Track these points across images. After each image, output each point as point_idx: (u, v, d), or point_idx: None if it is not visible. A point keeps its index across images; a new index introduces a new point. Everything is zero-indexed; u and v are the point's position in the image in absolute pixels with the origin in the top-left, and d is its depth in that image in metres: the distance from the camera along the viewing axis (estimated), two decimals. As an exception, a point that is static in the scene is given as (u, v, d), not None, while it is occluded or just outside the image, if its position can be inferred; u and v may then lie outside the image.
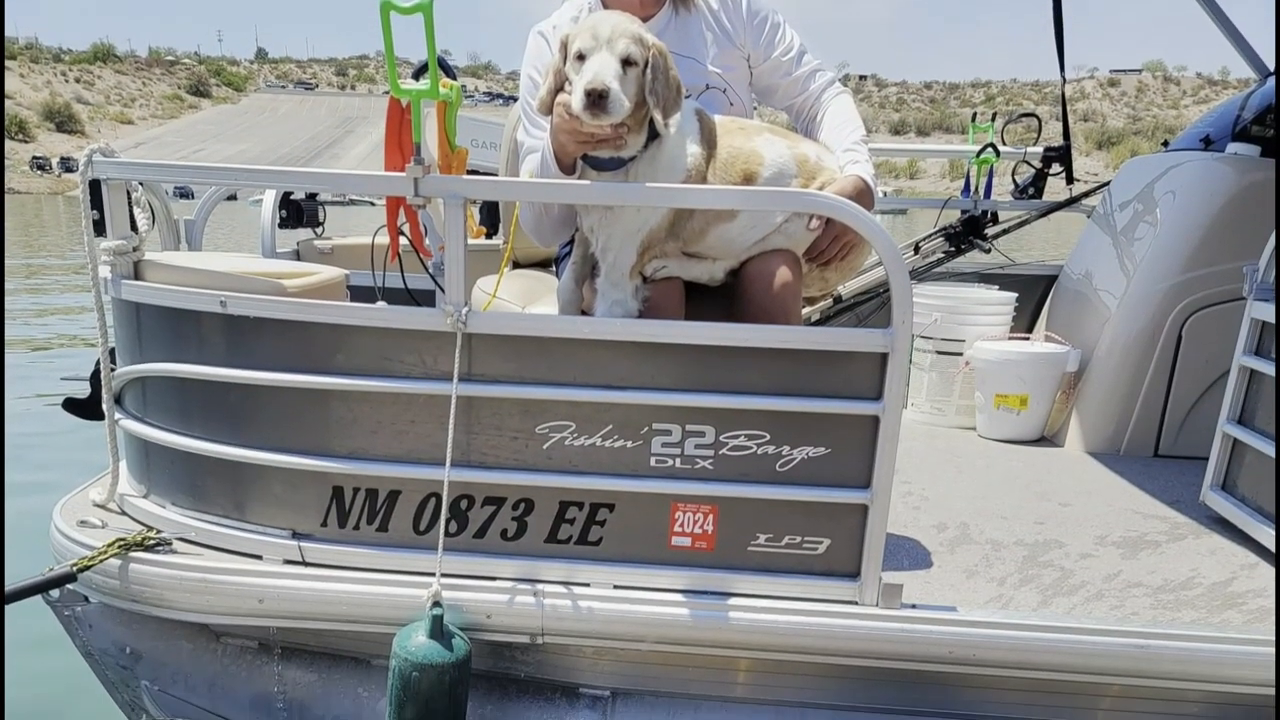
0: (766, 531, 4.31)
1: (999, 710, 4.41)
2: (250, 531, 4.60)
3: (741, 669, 4.49)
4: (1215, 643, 4.21)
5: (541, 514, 4.36)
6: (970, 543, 5.25)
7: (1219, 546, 5.34)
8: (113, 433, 4.98)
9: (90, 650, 5.02)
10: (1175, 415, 6.99)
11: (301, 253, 7.94)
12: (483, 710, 4.51)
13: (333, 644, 4.67)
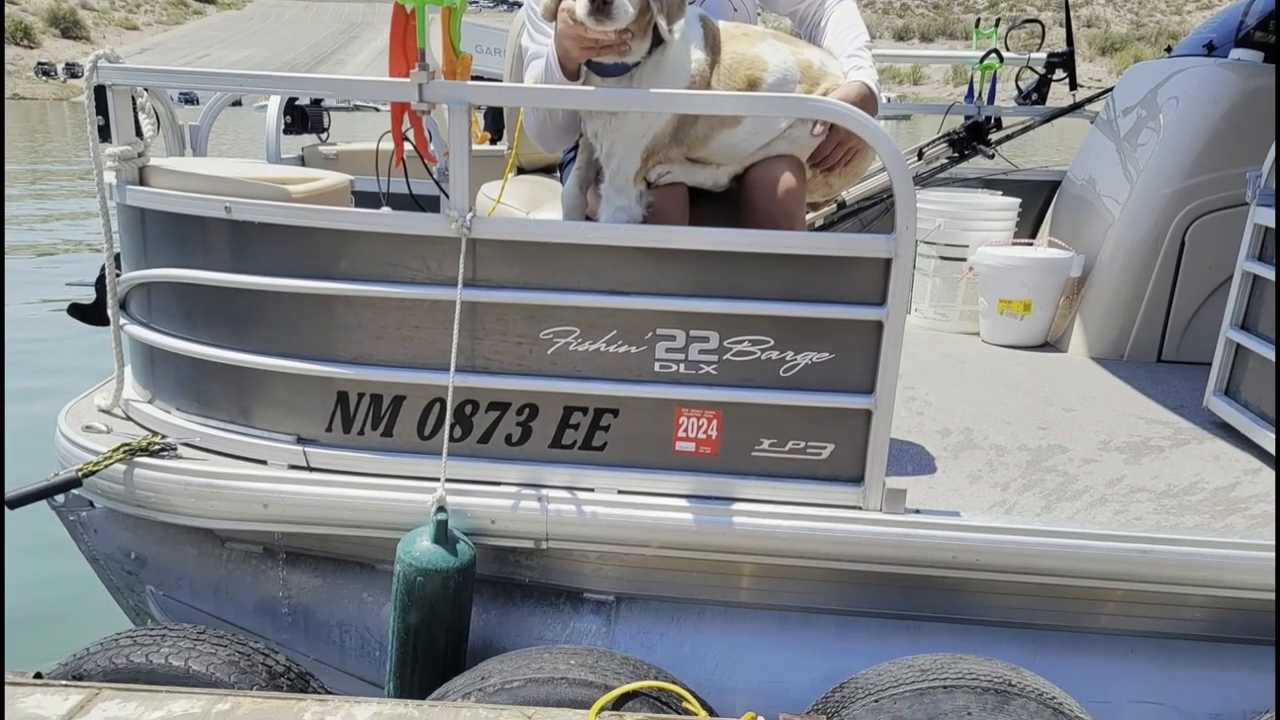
0: (770, 437, 4.28)
1: (1002, 615, 4.39)
2: (255, 436, 4.56)
3: (745, 574, 4.47)
4: (1218, 548, 4.18)
5: (546, 419, 4.33)
6: (974, 448, 5.20)
7: (1222, 451, 5.30)
8: (118, 338, 4.92)
9: (95, 555, 5.02)
10: (1178, 321, 6.91)
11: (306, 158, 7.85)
12: (487, 615, 4.50)
13: (337, 549, 4.65)
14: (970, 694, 3.69)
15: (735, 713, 3.62)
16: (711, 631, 4.47)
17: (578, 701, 3.67)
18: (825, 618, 4.46)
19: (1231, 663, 4.31)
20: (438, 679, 4.06)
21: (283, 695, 3.69)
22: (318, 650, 4.67)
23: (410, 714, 3.54)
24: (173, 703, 3.54)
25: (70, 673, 3.86)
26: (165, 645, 3.91)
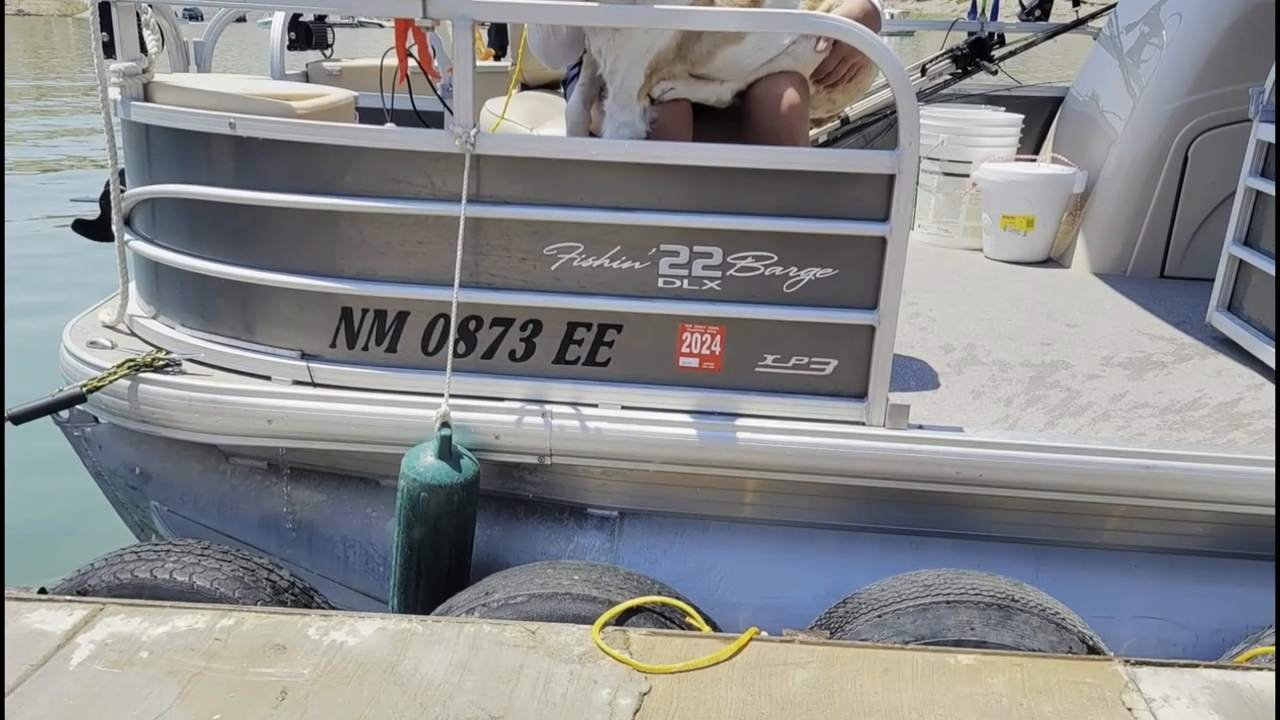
0: (774, 352, 4.23)
1: (1005, 530, 4.35)
2: (259, 352, 4.51)
3: (749, 490, 4.42)
4: (1220, 463, 4.13)
5: (549, 335, 4.27)
6: (977, 363, 5.13)
7: (1225, 367, 5.23)
8: (122, 254, 4.86)
9: (100, 471, 4.98)
10: (1181, 237, 6.82)
11: (310, 75, 7.75)
12: (491, 530, 4.46)
13: (341, 464, 4.60)
14: (973, 609, 3.66)
15: (739, 628, 3.58)
16: (715, 547, 4.43)
17: (581, 617, 3.63)
18: (828, 533, 4.41)
19: (1234, 578, 4.26)
20: (441, 594, 4.03)
21: (287, 610, 3.64)
22: (322, 565, 4.64)
23: (414, 629, 3.50)
24: (177, 618, 3.50)
25: (75, 588, 3.81)
26: (170, 560, 3.86)
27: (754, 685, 3.26)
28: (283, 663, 3.29)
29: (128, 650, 3.32)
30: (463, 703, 3.13)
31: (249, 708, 3.08)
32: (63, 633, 3.39)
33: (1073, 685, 3.29)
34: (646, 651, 3.41)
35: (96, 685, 3.15)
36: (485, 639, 3.45)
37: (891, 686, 3.26)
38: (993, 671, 3.34)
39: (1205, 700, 3.25)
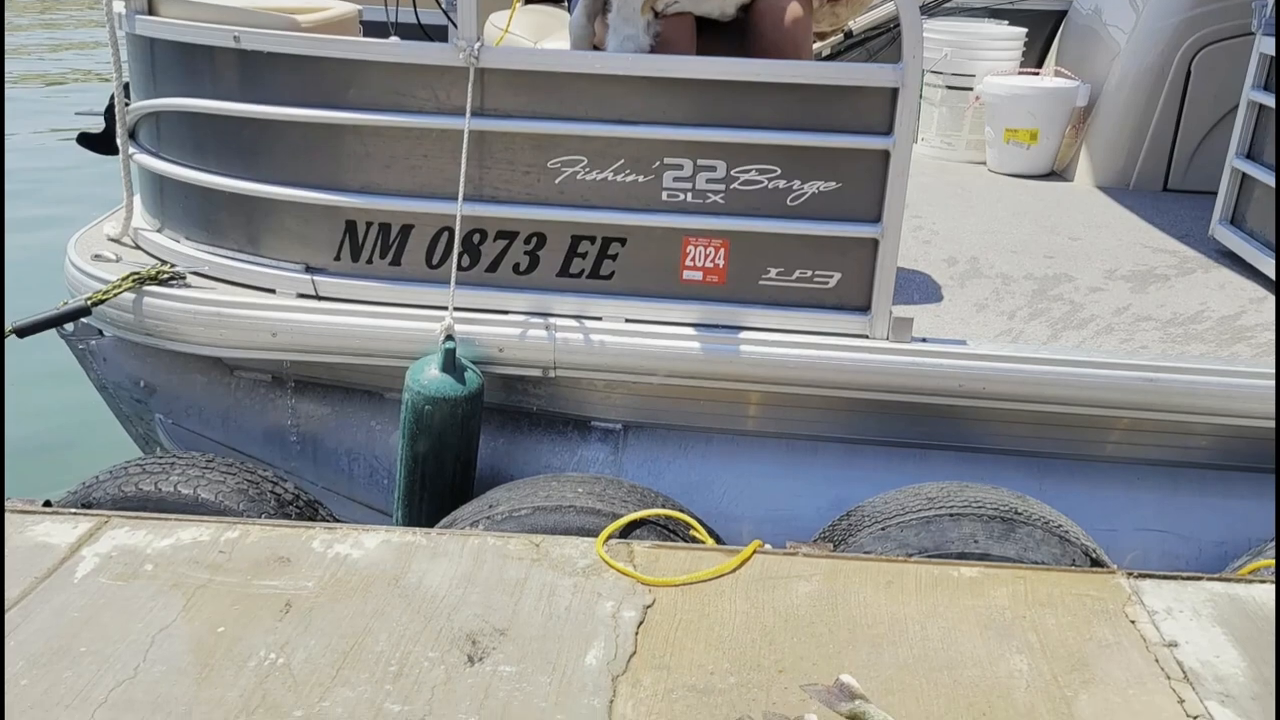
0: (777, 265, 4.15)
1: (1008, 443, 4.27)
2: (264, 266, 4.43)
3: (752, 403, 4.35)
4: (1223, 376, 4.06)
5: (553, 248, 4.20)
6: (980, 277, 5.04)
7: (1228, 280, 5.13)
8: (127, 167, 4.78)
9: (104, 384, 4.91)
10: (1184, 150, 6.68)
11: (314, -12, 7.61)
12: (495, 443, 4.39)
13: (345, 378, 4.52)
14: (977, 522, 3.58)
15: (742, 541, 3.51)
16: (719, 459, 4.36)
17: (585, 529, 3.56)
18: (832, 446, 4.35)
19: (1237, 491, 4.19)
20: (445, 507, 3.98)
21: (291, 523, 3.57)
22: (326, 478, 4.58)
23: (418, 542, 3.42)
24: (181, 530, 3.42)
25: (79, 501, 3.74)
26: (174, 473, 3.79)
27: (757, 598, 3.19)
28: (287, 575, 3.22)
29: (132, 563, 3.25)
30: (467, 615, 3.07)
31: (253, 620, 3.01)
32: (67, 546, 3.32)
33: (1076, 598, 3.22)
34: (650, 564, 3.34)
35: (101, 598, 3.08)
36: (489, 552, 3.38)
37: (895, 599, 3.19)
38: (996, 584, 3.27)
39: (1208, 613, 3.18)
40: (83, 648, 2.88)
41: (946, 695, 2.80)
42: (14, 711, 2.65)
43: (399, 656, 2.89)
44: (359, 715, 2.67)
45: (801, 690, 2.80)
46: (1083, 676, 2.88)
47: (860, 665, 2.90)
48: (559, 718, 2.69)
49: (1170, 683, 2.87)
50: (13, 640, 2.90)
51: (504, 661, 2.88)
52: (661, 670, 2.87)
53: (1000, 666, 2.91)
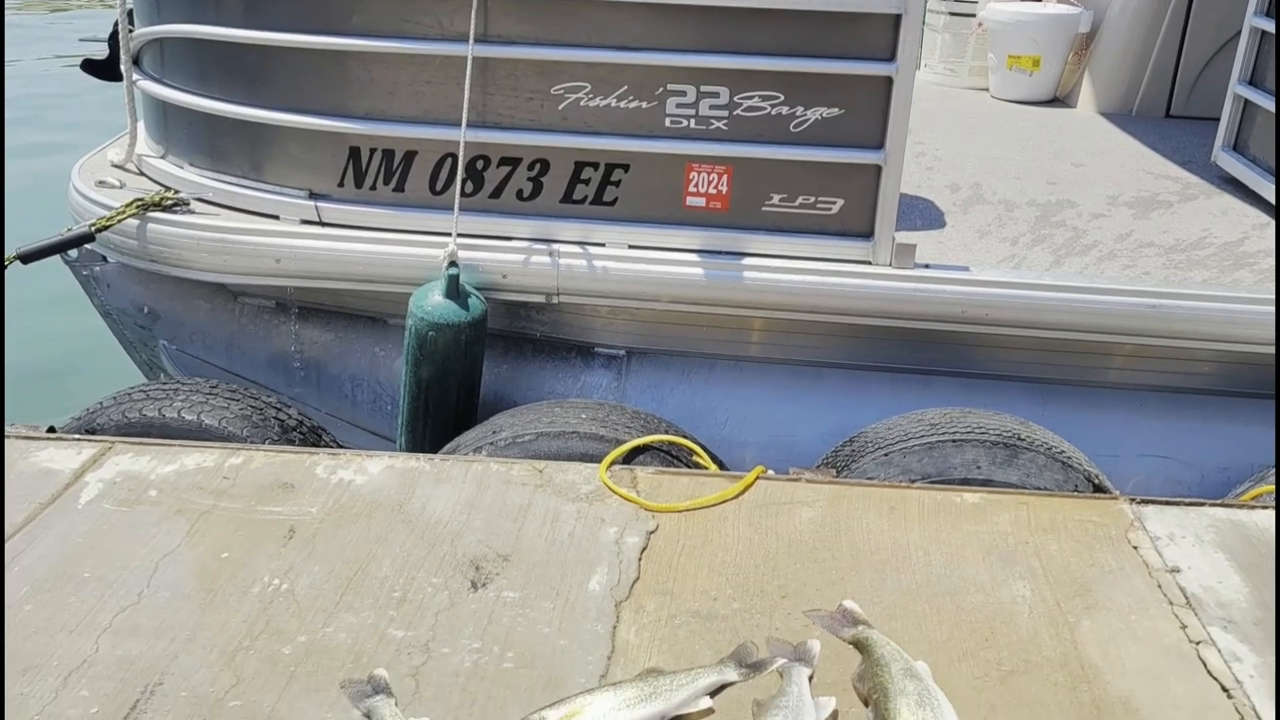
0: (780, 192, 4.07)
1: (1011, 369, 4.19)
2: (267, 192, 4.34)
3: (756, 329, 4.27)
4: (1226, 302, 3.97)
5: (557, 174, 4.10)
6: (983, 203, 4.94)
7: (1230, 207, 5.03)
8: (131, 94, 4.67)
9: (108, 310, 4.83)
10: (1187, 76, 6.56)
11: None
12: (499, 369, 4.32)
13: (349, 304, 4.45)
14: (979, 448, 3.51)
15: (745, 466, 3.44)
16: (722, 386, 4.29)
17: (588, 455, 3.48)
18: (835, 372, 4.27)
19: (1240, 416, 4.12)
20: (449, 433, 3.91)
21: (295, 449, 3.50)
22: (330, 404, 4.52)
23: (422, 467, 3.36)
24: (185, 456, 3.35)
25: (83, 427, 3.67)
26: (178, 399, 3.71)
27: (761, 523, 3.12)
28: (291, 501, 3.16)
29: (136, 489, 3.18)
30: (470, 541, 3.00)
31: (257, 546, 2.95)
32: (71, 471, 3.25)
33: (1078, 523, 3.15)
34: (653, 490, 3.27)
35: (105, 524, 3.02)
36: (493, 477, 3.31)
37: (897, 525, 3.13)
38: (999, 510, 3.20)
39: (1211, 539, 3.11)
40: (87, 573, 2.82)
41: (949, 621, 2.74)
42: (19, 637, 2.59)
43: (402, 582, 2.83)
44: (362, 641, 2.62)
45: (804, 616, 2.74)
46: (1085, 602, 2.82)
47: (863, 591, 2.84)
48: (562, 643, 2.63)
49: (1173, 608, 2.81)
50: (17, 566, 2.84)
51: (507, 587, 2.82)
52: (664, 596, 2.81)
53: (1003, 592, 2.85)
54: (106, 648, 2.57)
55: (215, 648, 2.58)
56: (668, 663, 2.56)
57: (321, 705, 2.42)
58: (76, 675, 2.48)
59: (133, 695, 2.43)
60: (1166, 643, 2.69)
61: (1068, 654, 2.63)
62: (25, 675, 2.48)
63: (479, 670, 2.54)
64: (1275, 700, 2.52)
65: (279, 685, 2.47)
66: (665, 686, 2.40)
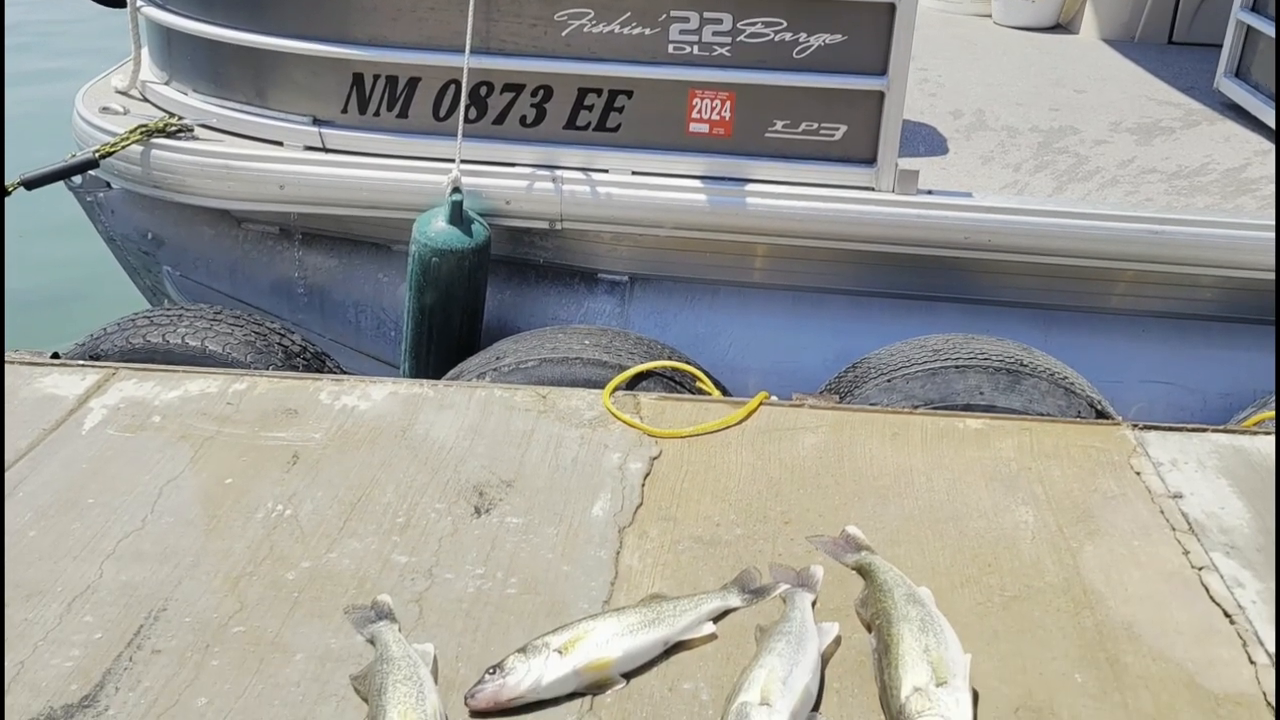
0: (783, 118, 3.97)
1: (1014, 295, 4.10)
2: (271, 118, 4.24)
3: (759, 255, 4.18)
4: (1229, 228, 3.88)
5: (560, 100, 4.00)
6: (986, 129, 4.83)
7: (1233, 133, 4.91)
8: (134, 20, 4.55)
9: (112, 236, 4.74)
10: (1189, 2, 6.39)
11: None
12: (502, 295, 4.23)
13: (353, 230, 4.35)
14: (982, 374, 3.43)
15: (748, 392, 3.36)
16: (725, 312, 4.20)
17: (591, 381, 3.41)
18: (839, 298, 4.18)
19: (1242, 342, 4.03)
20: (453, 359, 3.83)
21: (299, 375, 3.42)
22: (333, 330, 4.44)
23: (425, 393, 3.28)
24: (189, 382, 3.27)
25: (87, 353, 3.59)
26: (182, 325, 3.63)
27: (764, 449, 3.05)
28: (294, 427, 3.08)
29: (140, 415, 3.11)
30: (474, 467, 2.93)
31: (261, 472, 2.88)
32: (75, 397, 3.17)
33: (1081, 449, 3.07)
34: (657, 416, 3.19)
35: (109, 450, 2.95)
36: (496, 403, 3.23)
37: (900, 450, 3.05)
38: (1001, 436, 3.13)
39: (1213, 464, 3.04)
40: (91, 499, 2.75)
41: (952, 546, 2.68)
42: (22, 563, 2.53)
43: (406, 508, 2.76)
44: (366, 566, 2.56)
45: (807, 542, 2.68)
46: (1088, 528, 2.75)
47: (866, 517, 2.77)
48: (565, 568, 2.57)
49: (1175, 534, 2.74)
50: (20, 492, 2.77)
51: (511, 513, 2.76)
52: (668, 522, 2.74)
53: (1006, 518, 2.78)
54: (110, 574, 2.51)
55: (219, 573, 2.52)
56: (671, 589, 2.50)
57: (325, 631, 2.36)
58: (80, 601, 2.42)
59: (136, 621, 2.37)
60: (1169, 568, 2.63)
61: (1070, 579, 2.57)
62: (29, 601, 2.42)
63: (482, 596, 2.48)
64: (1275, 625, 2.46)
65: (283, 611, 2.41)
66: (668, 612, 2.34)
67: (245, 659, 2.27)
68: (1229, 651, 2.37)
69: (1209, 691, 2.26)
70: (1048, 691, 2.24)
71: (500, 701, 2.13)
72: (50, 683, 2.20)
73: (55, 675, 2.22)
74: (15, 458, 2.89)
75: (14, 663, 2.24)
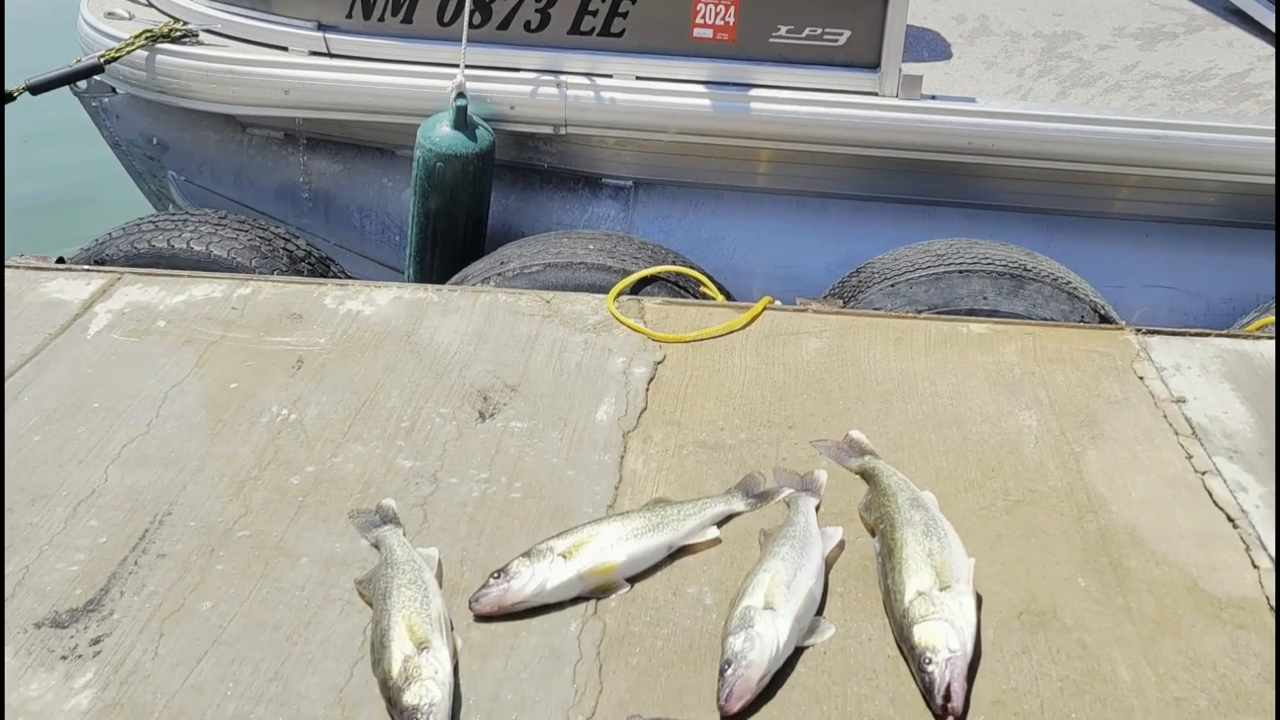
0: (787, 23, 3.81)
1: (1017, 200, 3.96)
2: (276, 23, 4.07)
3: (763, 160, 4.03)
4: (1231, 133, 3.74)
5: (564, 5, 3.84)
6: (989, 34, 4.66)
7: (1236, 38, 4.74)
8: (138, -75, 4.33)
9: (117, 141, 4.59)
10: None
11: None
12: (506, 200, 4.09)
13: (357, 135, 4.20)
14: (986, 278, 3.31)
15: (752, 297, 3.25)
16: (729, 217, 4.07)
17: (596, 286, 3.29)
18: (842, 203, 4.05)
19: (1245, 247, 3.89)
20: (457, 263, 3.72)
21: (303, 280, 3.30)
22: (338, 235, 4.31)
23: (430, 298, 3.16)
24: (194, 287, 3.16)
25: (92, 258, 3.47)
26: (187, 230, 3.50)
27: (768, 354, 2.95)
28: (299, 332, 2.98)
29: (145, 319, 3.00)
30: (478, 371, 2.83)
31: (265, 376, 2.78)
32: (80, 302, 3.06)
33: (1084, 354, 2.97)
34: (661, 320, 3.08)
35: (114, 354, 2.85)
36: (500, 308, 3.12)
37: (904, 355, 2.95)
38: (1005, 340, 3.02)
39: (1216, 369, 2.93)
40: (96, 404, 2.66)
41: (956, 450, 2.59)
42: (28, 467, 2.45)
43: (410, 413, 2.67)
44: (371, 470, 2.47)
45: (811, 446, 2.59)
46: (1091, 432, 2.66)
47: (870, 421, 2.68)
48: (570, 473, 2.48)
49: (1178, 438, 2.65)
50: (26, 396, 2.68)
51: (515, 418, 2.66)
52: (672, 426, 2.65)
53: (1009, 422, 2.69)
54: (115, 478, 2.42)
55: (224, 478, 2.44)
56: (675, 493, 2.41)
57: (330, 535, 2.28)
58: (85, 505, 2.34)
59: (141, 525, 2.29)
60: (1172, 473, 2.54)
61: (1074, 484, 2.48)
62: (34, 505, 2.34)
63: (487, 500, 2.39)
64: (1276, 529, 2.38)
65: (287, 515, 2.33)
66: (672, 517, 2.26)
67: (250, 563, 2.20)
68: (1232, 556, 2.29)
69: (1211, 595, 2.18)
70: (1051, 595, 2.17)
71: (504, 606, 2.06)
72: (55, 587, 2.12)
73: (60, 579, 2.14)
74: (20, 362, 2.80)
75: (19, 567, 2.17)
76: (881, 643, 2.04)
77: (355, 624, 2.05)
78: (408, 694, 1.81)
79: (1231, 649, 2.05)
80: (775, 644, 1.93)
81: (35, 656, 1.97)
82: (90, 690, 1.90)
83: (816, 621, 2.06)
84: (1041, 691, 1.95)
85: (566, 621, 2.06)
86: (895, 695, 1.94)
